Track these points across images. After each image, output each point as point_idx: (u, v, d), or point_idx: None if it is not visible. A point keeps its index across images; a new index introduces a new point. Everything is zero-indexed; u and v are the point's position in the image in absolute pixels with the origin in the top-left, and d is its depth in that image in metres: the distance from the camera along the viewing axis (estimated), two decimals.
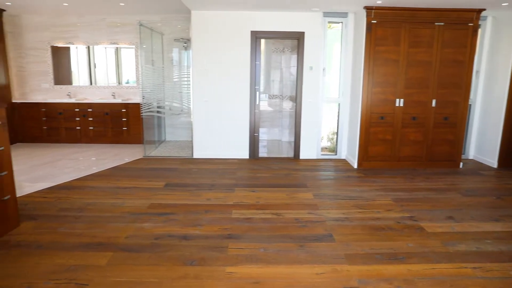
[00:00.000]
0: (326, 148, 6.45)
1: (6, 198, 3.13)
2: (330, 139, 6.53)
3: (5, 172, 3.10)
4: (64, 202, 3.94)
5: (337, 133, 6.15)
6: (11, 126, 6.65)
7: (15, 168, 3.26)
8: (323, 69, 5.84)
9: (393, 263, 2.75)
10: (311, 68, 5.81)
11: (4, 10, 6.60)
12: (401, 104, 5.35)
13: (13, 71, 7.17)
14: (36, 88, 7.31)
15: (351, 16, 5.67)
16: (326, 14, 5.65)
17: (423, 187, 4.62)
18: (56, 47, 7.19)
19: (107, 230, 3.24)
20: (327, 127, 6.42)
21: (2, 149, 3.06)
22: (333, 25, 5.92)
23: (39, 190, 4.30)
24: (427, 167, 5.55)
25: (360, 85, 5.32)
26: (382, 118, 5.38)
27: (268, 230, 3.31)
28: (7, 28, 6.91)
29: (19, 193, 4.03)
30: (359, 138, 5.43)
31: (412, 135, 5.46)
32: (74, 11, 6.59)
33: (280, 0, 4.86)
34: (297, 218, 3.58)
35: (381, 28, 5.14)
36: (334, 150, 6.29)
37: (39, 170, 5.19)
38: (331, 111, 6.27)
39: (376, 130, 5.43)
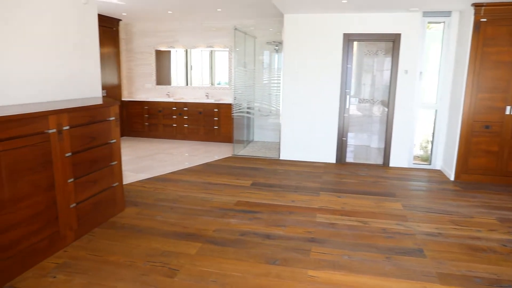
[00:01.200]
0: (418, 157, 6.03)
1: (115, 185, 3.54)
2: (423, 148, 6.09)
3: (115, 162, 3.52)
4: (160, 192, 4.31)
5: (432, 142, 5.71)
6: (120, 121, 7.49)
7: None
8: (420, 73, 5.47)
9: None
10: (406, 71, 5.49)
11: (120, 20, 7.48)
12: None
13: (123, 73, 8.05)
14: (141, 88, 8.12)
15: (455, 15, 5.21)
16: (426, 14, 5.29)
17: None
18: (159, 50, 7.90)
19: (197, 222, 3.47)
20: (421, 135, 6.00)
21: (114, 142, 3.47)
22: (431, 25, 5.51)
23: (140, 180, 4.78)
24: None
25: (463, 90, 4.87)
26: (487, 127, 4.85)
27: (353, 237, 3.22)
28: (121, 35, 7.80)
29: (124, 181, 4.51)
30: (458, 148, 4.97)
31: None
32: (176, 17, 7.18)
33: (376, 1, 4.68)
34: (384, 228, 3.42)
35: (492, 27, 4.64)
36: (427, 159, 5.85)
37: (140, 162, 5.75)
38: (426, 117, 5.84)
39: (479, 140, 4.91)
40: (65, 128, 2.81)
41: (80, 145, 3.01)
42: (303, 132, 5.99)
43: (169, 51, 7.92)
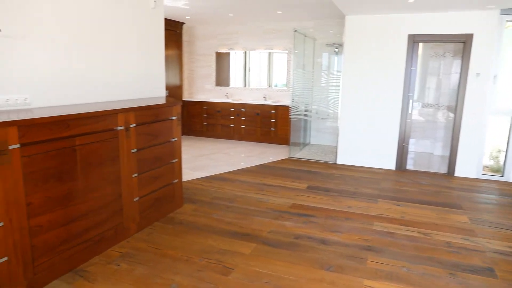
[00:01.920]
0: (487, 167, 5.57)
1: (175, 181, 3.69)
2: (494, 158, 5.62)
3: (176, 160, 3.66)
4: (217, 191, 4.42)
5: (506, 151, 5.24)
6: (181, 121, 7.82)
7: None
8: (494, 76, 5.05)
9: None
10: (478, 74, 5.10)
11: (183, 23, 7.80)
12: None
13: (185, 74, 8.39)
14: (201, 89, 8.40)
15: None
16: (505, 11, 4.86)
17: None
18: (219, 52, 8.11)
19: (252, 223, 3.50)
20: (492, 143, 5.53)
21: (175, 140, 3.62)
22: (507, 23, 5.06)
23: (197, 178, 4.93)
24: None
25: None
26: None
27: (412, 249, 3.05)
28: (184, 37, 8.13)
29: (183, 179, 4.68)
30: None
31: None
32: (237, 20, 7.33)
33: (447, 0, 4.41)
34: (448, 242, 3.20)
35: None
36: (499, 170, 5.38)
37: (198, 160, 5.94)
38: (499, 124, 5.37)
39: None
40: (131, 125, 2.98)
41: (144, 142, 3.18)
42: (362, 136, 5.81)
43: (229, 53, 8.10)
